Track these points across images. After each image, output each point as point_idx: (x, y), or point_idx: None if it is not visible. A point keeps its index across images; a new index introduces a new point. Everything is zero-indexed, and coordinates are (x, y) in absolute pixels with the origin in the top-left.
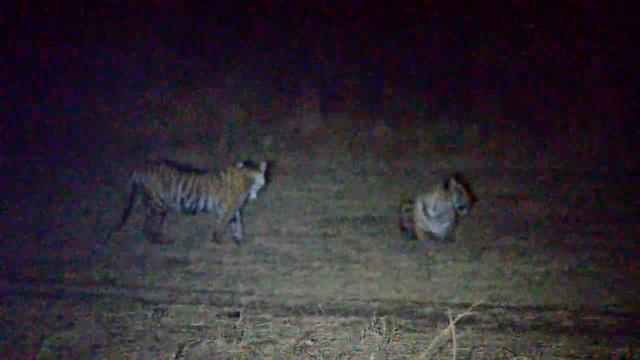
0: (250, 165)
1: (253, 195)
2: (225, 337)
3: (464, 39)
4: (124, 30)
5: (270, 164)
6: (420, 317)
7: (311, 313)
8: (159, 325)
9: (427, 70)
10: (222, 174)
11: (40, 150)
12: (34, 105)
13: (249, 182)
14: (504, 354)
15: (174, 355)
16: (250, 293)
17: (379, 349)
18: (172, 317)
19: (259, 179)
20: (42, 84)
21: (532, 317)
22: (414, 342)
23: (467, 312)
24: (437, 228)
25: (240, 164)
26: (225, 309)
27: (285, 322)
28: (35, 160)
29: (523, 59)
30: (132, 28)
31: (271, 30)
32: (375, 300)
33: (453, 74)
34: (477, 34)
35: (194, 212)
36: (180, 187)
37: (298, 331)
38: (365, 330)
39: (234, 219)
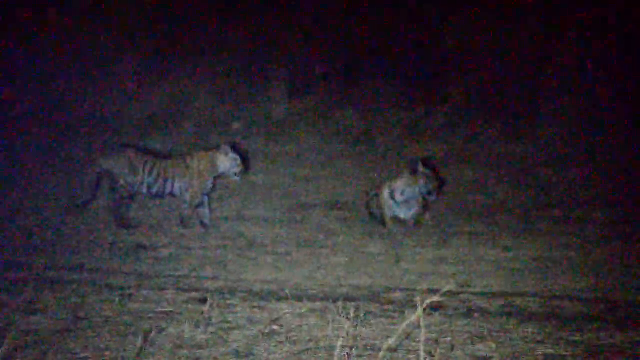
0: (234, 148)
1: (235, 178)
2: (193, 322)
3: (432, 25)
4: (93, 14)
5: (234, 147)
6: (388, 303)
7: (279, 298)
8: (125, 310)
9: (396, 56)
10: (188, 158)
11: (7, 135)
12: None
13: (214, 167)
14: (472, 340)
15: (140, 341)
16: (217, 278)
17: (347, 334)
18: (139, 302)
19: (224, 163)
20: (9, 67)
21: (500, 303)
22: (382, 327)
23: (435, 298)
24: (405, 213)
25: (226, 147)
26: (193, 294)
27: (252, 308)
28: (1, 145)
29: (492, 44)
30: (102, 11)
31: (240, 15)
32: (343, 285)
33: (421, 59)
34: (446, 20)
35: (161, 197)
36: (146, 171)
37: (266, 317)
38: (333, 315)
39: (201, 204)
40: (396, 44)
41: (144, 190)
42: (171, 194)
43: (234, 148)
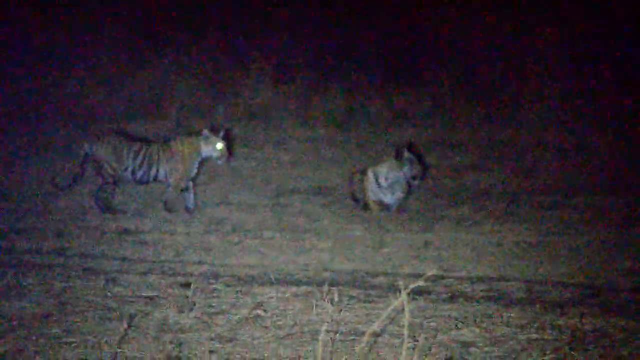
0: (214, 132)
1: (219, 162)
2: (177, 307)
3: (416, 11)
4: (74, 1)
5: (216, 132)
6: (372, 288)
7: (263, 283)
8: (110, 295)
9: (380, 42)
10: (172, 143)
11: None
12: None
13: (198, 152)
14: (456, 325)
15: (125, 326)
16: (201, 263)
17: (331, 319)
18: (123, 287)
19: (206, 148)
20: None
21: (484, 288)
22: (366, 312)
23: (419, 283)
24: (389, 198)
25: (206, 131)
26: (177, 279)
27: (237, 293)
28: None
29: (475, 29)
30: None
31: (223, 1)
32: (327, 270)
33: (406, 44)
34: (430, 6)
35: (145, 182)
36: (131, 157)
37: (250, 301)
38: (317, 300)
39: (186, 189)
40: (380, 29)
41: (129, 175)
42: (156, 179)
43: (217, 133)
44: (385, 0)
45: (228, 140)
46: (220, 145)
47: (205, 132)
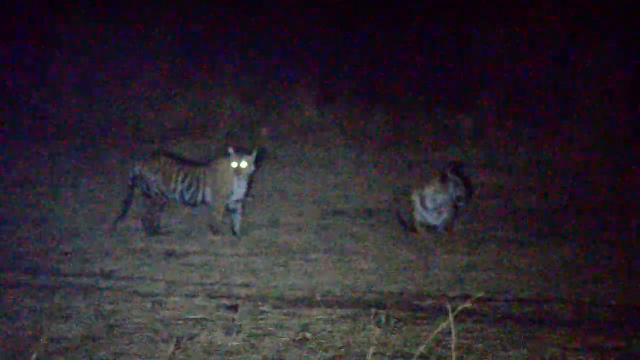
0: (241, 151)
1: (241, 182)
2: (224, 329)
3: (460, 30)
4: (121, 20)
5: (262, 153)
6: (419, 310)
7: (309, 305)
8: (157, 317)
9: (424, 62)
10: (212, 164)
11: (38, 142)
12: (31, 96)
13: (233, 170)
14: (503, 347)
15: (172, 348)
16: (248, 285)
17: (378, 341)
18: (170, 309)
19: (234, 165)
20: (38, 75)
21: (531, 309)
22: (413, 334)
23: (466, 305)
24: (435, 220)
25: (231, 150)
26: (224, 302)
27: (283, 315)
28: (34, 152)
29: (520, 50)
30: (130, 18)
31: (268, 21)
32: (374, 292)
33: (450, 65)
34: (474, 25)
35: (194, 205)
36: (180, 178)
37: (296, 324)
38: (364, 322)
39: (234, 211)
40: (424, 51)
41: (177, 197)
42: (203, 201)
43: (245, 151)
44: (430, 23)
45: (257, 158)
46: (235, 164)
47: (230, 150)
